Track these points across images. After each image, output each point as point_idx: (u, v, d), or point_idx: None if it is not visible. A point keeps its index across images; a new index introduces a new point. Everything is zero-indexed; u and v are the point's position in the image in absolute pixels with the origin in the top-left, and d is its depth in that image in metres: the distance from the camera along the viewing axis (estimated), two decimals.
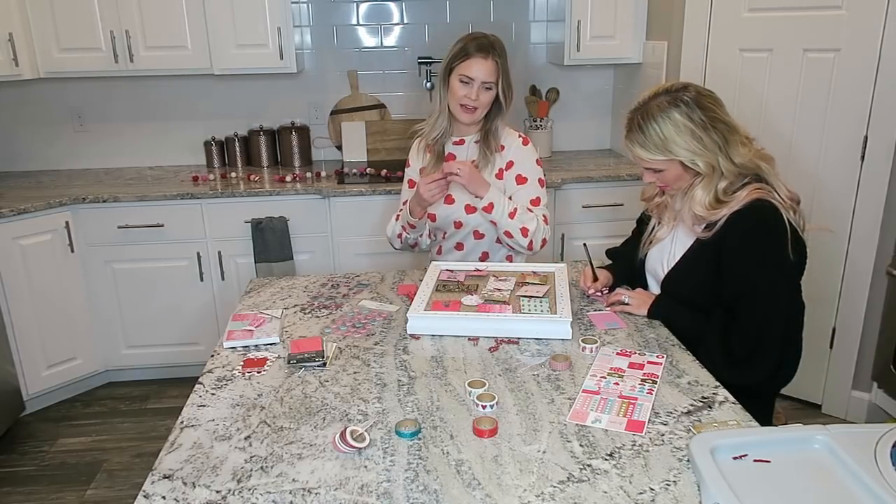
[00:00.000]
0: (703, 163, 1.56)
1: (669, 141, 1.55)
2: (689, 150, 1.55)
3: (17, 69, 2.97)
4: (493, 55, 1.98)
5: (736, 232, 1.55)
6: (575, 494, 1.09)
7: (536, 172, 2.11)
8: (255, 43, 3.10)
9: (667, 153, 1.56)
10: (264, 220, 3.00)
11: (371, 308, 1.83)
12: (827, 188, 2.66)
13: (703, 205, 1.58)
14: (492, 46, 1.99)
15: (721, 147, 1.55)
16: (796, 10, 2.60)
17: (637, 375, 1.45)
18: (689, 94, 1.56)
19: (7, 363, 2.80)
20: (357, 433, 1.21)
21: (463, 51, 1.99)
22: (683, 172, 1.60)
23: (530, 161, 2.11)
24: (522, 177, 2.09)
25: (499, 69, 2.00)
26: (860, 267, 2.65)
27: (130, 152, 3.53)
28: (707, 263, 1.62)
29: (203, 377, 1.49)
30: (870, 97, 2.49)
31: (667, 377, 1.45)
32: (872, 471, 1.04)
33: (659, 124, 1.55)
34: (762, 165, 1.59)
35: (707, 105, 1.56)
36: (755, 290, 1.55)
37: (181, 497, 1.11)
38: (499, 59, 2.00)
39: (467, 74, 1.97)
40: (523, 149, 2.11)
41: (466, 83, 1.99)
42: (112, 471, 2.62)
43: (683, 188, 1.64)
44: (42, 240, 2.88)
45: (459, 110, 2.03)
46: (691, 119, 1.54)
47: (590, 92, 3.64)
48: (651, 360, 1.51)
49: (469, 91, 1.99)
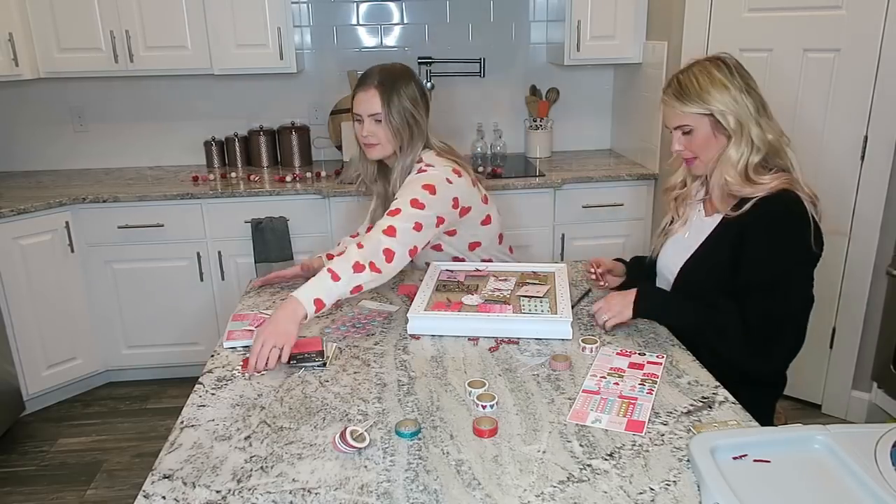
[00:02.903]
0: (734, 120, 1.56)
1: (704, 91, 1.55)
2: (723, 104, 1.55)
3: (17, 69, 2.97)
4: (372, 83, 1.85)
5: (763, 218, 1.54)
6: (575, 494, 1.09)
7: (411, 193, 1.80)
8: (255, 43, 3.10)
9: (701, 104, 1.56)
10: (264, 220, 3.00)
11: (371, 308, 1.83)
12: (827, 188, 2.64)
13: (737, 170, 1.57)
14: (377, 74, 1.87)
15: (753, 113, 1.57)
16: (796, 10, 2.60)
17: (637, 375, 1.45)
18: (730, 60, 1.60)
19: (7, 363, 2.80)
20: (357, 433, 1.21)
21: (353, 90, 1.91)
22: (712, 137, 1.59)
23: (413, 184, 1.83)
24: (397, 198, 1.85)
25: (382, 96, 1.84)
26: (860, 267, 2.64)
27: (130, 152, 3.53)
28: (729, 247, 1.59)
29: (203, 377, 1.49)
30: (870, 97, 2.49)
31: (667, 377, 1.45)
32: (872, 471, 1.04)
33: (697, 77, 1.57)
34: (787, 152, 1.61)
35: (745, 73, 1.60)
36: (782, 277, 1.54)
37: (181, 497, 1.11)
38: (379, 87, 1.84)
39: (355, 111, 1.90)
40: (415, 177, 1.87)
41: (359, 121, 1.90)
42: (112, 471, 2.62)
43: (710, 163, 1.62)
44: (42, 240, 2.88)
45: (365, 150, 1.95)
46: (729, 79, 1.57)
47: (590, 92, 3.64)
48: (651, 361, 1.51)
49: (360, 128, 1.90)
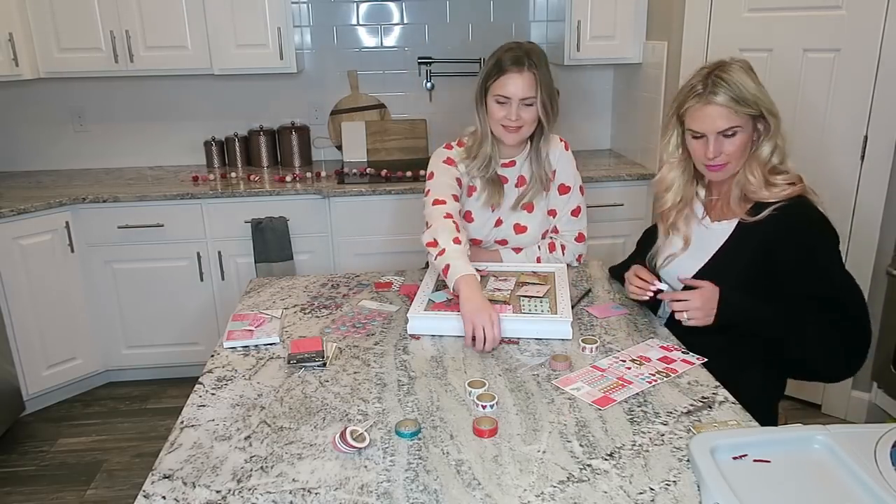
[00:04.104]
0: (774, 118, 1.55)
1: (756, 92, 1.54)
2: (770, 103, 1.55)
3: (18, 69, 2.97)
4: (530, 66, 1.81)
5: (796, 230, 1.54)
6: (575, 494, 1.09)
7: (577, 180, 2.05)
8: (255, 43, 3.10)
9: (755, 104, 1.53)
10: (264, 220, 3.00)
11: (371, 308, 1.83)
12: (827, 188, 2.65)
13: (764, 169, 1.56)
14: (527, 56, 1.81)
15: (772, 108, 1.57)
16: (796, 10, 2.60)
17: (658, 367, 1.45)
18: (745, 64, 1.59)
19: (7, 363, 2.80)
20: (357, 433, 1.21)
21: (496, 67, 1.83)
22: (751, 139, 1.58)
23: (572, 168, 2.04)
24: (565, 186, 2.03)
25: (537, 81, 1.82)
26: (860, 267, 2.64)
27: (130, 152, 3.53)
28: (752, 252, 1.57)
29: (203, 377, 1.49)
30: (870, 97, 2.49)
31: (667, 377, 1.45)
32: (872, 471, 1.04)
33: (742, 78, 1.54)
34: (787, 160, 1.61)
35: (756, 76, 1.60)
36: (842, 287, 1.54)
37: (181, 497, 1.11)
38: (536, 70, 1.82)
39: (503, 94, 1.83)
40: (565, 155, 2.02)
41: (503, 103, 1.84)
42: (112, 471, 2.62)
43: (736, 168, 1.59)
44: (42, 240, 2.88)
45: (502, 132, 1.88)
46: (755, 79, 1.56)
47: (590, 92, 3.64)
48: (685, 359, 1.50)
49: (508, 111, 1.84)
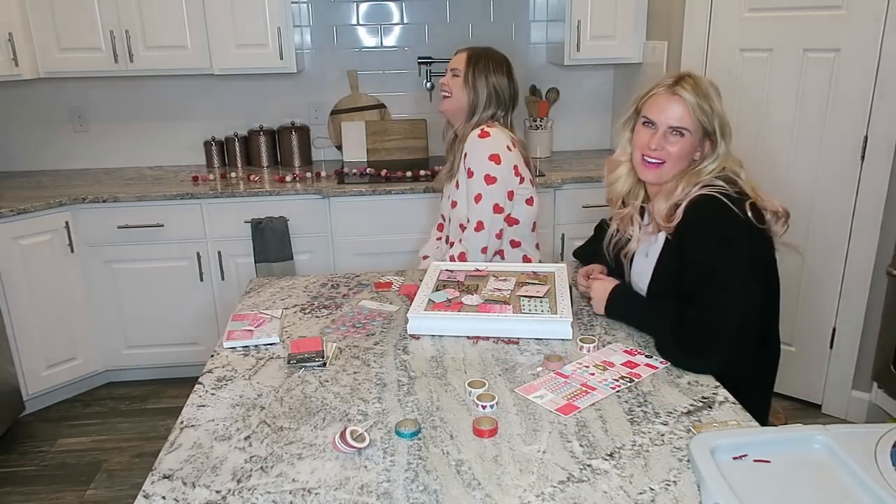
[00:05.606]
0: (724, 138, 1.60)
1: (716, 102, 1.61)
2: (725, 122, 1.61)
3: (17, 69, 2.97)
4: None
5: (689, 224, 1.55)
6: (575, 494, 1.09)
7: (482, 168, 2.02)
8: (255, 43, 3.10)
9: (711, 118, 1.59)
10: (264, 220, 3.00)
11: (371, 308, 1.83)
12: (827, 188, 2.66)
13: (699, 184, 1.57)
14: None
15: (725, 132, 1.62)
16: (796, 10, 2.60)
17: (621, 372, 1.45)
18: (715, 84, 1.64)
19: (7, 363, 2.80)
20: (357, 433, 1.21)
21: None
22: (694, 149, 1.61)
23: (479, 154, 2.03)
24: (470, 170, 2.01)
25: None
26: (860, 267, 2.64)
27: (130, 152, 3.53)
28: (676, 255, 1.59)
29: (203, 377, 1.49)
30: (870, 97, 2.49)
31: (667, 377, 1.45)
32: (872, 471, 1.04)
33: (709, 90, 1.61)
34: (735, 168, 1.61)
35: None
36: (710, 278, 1.50)
37: (181, 497, 1.11)
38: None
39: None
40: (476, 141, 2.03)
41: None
42: (112, 471, 2.62)
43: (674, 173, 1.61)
44: (42, 240, 2.88)
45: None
46: (720, 99, 1.63)
47: (590, 92, 3.64)
48: (649, 364, 1.50)
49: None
